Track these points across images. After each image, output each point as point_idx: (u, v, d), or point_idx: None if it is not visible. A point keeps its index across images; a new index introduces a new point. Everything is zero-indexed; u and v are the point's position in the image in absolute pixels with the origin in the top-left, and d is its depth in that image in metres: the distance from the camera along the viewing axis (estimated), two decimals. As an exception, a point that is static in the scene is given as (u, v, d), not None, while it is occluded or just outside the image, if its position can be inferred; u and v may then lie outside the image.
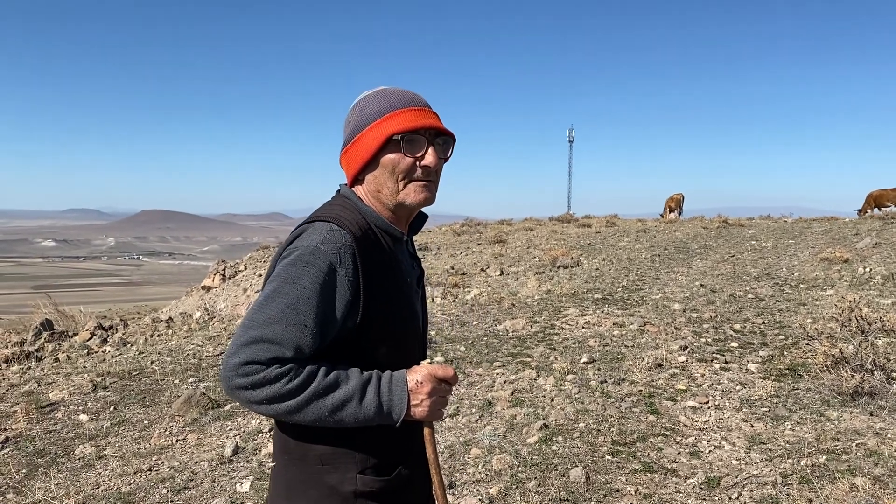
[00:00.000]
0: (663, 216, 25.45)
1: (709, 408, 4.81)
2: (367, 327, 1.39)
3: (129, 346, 7.92)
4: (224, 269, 17.35)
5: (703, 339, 6.73)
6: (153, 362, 6.77)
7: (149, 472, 4.09)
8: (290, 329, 1.29)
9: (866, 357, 4.88)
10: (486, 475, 3.83)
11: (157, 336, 8.58)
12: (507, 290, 10.41)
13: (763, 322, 7.45)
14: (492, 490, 3.62)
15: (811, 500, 3.38)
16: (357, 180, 1.51)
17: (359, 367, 1.39)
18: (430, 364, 1.42)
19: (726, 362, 5.89)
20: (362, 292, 1.37)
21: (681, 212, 25.44)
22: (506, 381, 5.50)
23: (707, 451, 4.10)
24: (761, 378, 5.42)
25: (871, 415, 4.47)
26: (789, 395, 5.00)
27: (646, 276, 11.27)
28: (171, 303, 18.31)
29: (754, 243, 14.86)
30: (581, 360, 6.02)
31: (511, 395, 5.16)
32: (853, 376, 4.75)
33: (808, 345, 6.11)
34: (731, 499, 3.48)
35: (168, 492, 3.80)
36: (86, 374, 6.32)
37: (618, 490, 3.62)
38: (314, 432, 1.39)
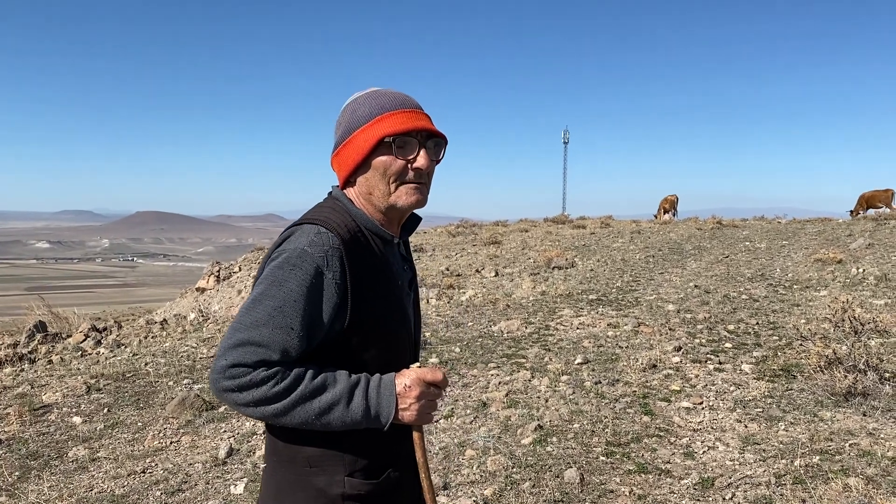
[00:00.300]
0: (657, 217, 25.50)
1: (703, 408, 4.82)
2: (355, 330, 1.39)
3: (122, 347, 7.90)
4: (218, 271, 17.29)
5: (697, 340, 6.74)
6: (147, 364, 6.75)
7: (142, 475, 4.08)
8: (277, 332, 1.29)
9: (859, 357, 4.91)
10: (481, 476, 3.83)
11: (152, 338, 8.56)
12: (501, 291, 10.41)
13: (757, 323, 7.47)
14: (486, 491, 3.62)
15: (804, 501, 3.39)
16: (349, 182, 1.50)
17: (348, 370, 1.38)
18: (420, 367, 1.42)
19: (720, 363, 5.91)
20: (350, 295, 1.36)
21: (675, 213, 25.50)
22: (500, 382, 5.50)
23: (701, 452, 4.11)
24: (755, 379, 5.43)
25: (864, 415, 4.49)
26: (783, 395, 5.02)
27: (640, 277, 11.29)
28: (165, 304, 18.26)
29: (748, 244, 14.90)
30: (575, 361, 6.03)
31: (506, 396, 5.17)
32: (846, 377, 4.77)
33: (801, 345, 6.14)
34: (724, 499, 3.49)
35: (162, 494, 3.79)
36: (79, 376, 6.30)
37: (612, 491, 3.62)
38: (303, 434, 1.39)
